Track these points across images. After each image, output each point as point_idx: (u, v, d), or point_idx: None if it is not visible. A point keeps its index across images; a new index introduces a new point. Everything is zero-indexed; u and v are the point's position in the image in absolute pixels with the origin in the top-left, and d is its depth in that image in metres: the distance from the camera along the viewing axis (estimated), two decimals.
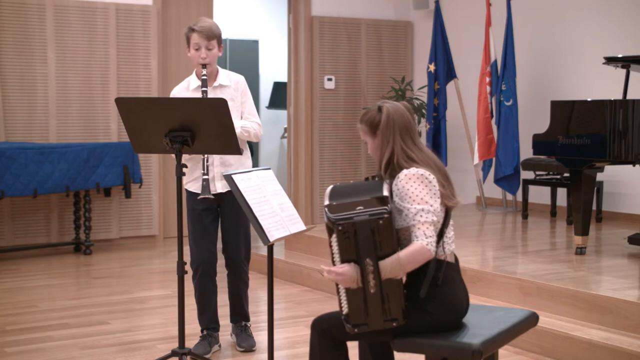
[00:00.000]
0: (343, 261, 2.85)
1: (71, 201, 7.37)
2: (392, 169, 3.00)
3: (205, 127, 3.72)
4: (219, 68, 4.34)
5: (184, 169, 3.87)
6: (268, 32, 11.05)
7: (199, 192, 4.15)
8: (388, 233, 2.81)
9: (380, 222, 2.79)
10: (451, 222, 3.03)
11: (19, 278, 6.33)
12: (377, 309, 2.84)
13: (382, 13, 9.15)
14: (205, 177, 4.04)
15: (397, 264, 2.81)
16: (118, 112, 3.90)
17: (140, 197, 7.78)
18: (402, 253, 2.83)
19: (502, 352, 4.07)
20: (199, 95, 4.16)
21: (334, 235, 2.84)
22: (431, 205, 2.89)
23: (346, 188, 2.96)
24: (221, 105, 3.69)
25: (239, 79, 4.37)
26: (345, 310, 2.89)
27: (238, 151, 3.84)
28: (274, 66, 10.98)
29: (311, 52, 8.74)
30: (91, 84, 7.58)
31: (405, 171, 2.94)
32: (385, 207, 2.80)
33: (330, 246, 2.88)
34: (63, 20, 7.43)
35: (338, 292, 2.91)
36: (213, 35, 4.18)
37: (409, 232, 2.90)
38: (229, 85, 4.31)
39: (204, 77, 4.16)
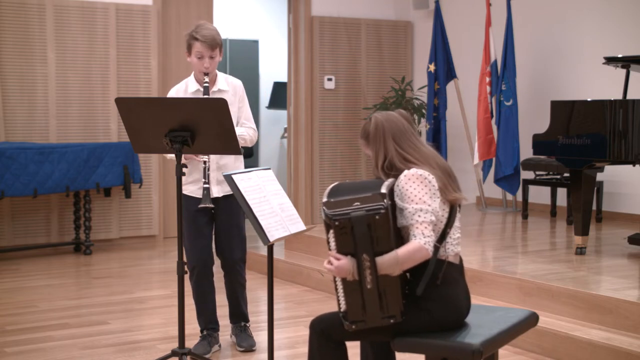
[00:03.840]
0: (340, 252, 2.87)
1: (71, 201, 7.37)
2: (391, 172, 3.03)
3: (205, 127, 3.72)
4: (217, 72, 4.34)
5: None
6: (268, 32, 11.05)
7: (194, 195, 4.23)
8: (384, 229, 2.82)
9: (377, 217, 2.80)
10: (457, 224, 3.04)
11: (19, 278, 6.33)
12: (375, 305, 2.85)
13: (382, 13, 9.15)
14: (206, 185, 4.04)
15: (394, 261, 2.83)
16: (118, 112, 3.90)
17: (140, 197, 7.78)
18: (400, 250, 2.85)
19: (502, 352, 4.07)
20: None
21: (331, 231, 2.86)
22: (429, 205, 2.91)
23: (346, 186, 2.98)
24: (221, 105, 3.69)
25: (237, 84, 4.38)
26: (343, 307, 2.90)
27: (238, 151, 3.84)
28: (274, 66, 10.98)
29: (311, 52, 8.74)
30: (91, 84, 7.58)
31: (405, 172, 2.97)
32: (382, 203, 2.81)
33: (328, 242, 2.90)
34: (63, 20, 7.43)
35: (336, 290, 2.93)
36: (216, 44, 4.18)
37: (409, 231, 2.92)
38: (228, 90, 4.32)
39: (206, 85, 4.16)
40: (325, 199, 2.90)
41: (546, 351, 4.27)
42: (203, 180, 4.07)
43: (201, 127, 3.72)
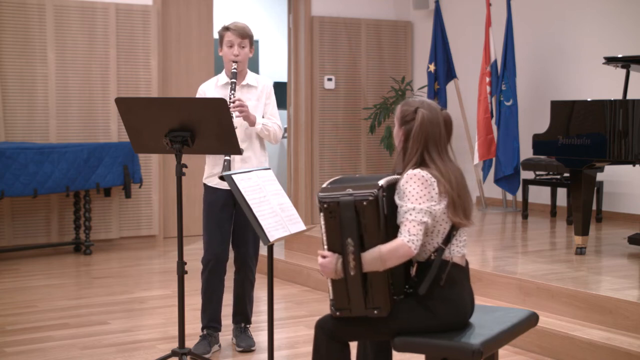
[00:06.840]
0: (329, 249, 2.91)
1: (71, 201, 7.37)
2: (406, 168, 3.03)
3: (205, 127, 3.72)
4: (248, 70, 4.44)
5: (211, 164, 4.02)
6: (268, 32, 11.05)
7: (218, 186, 4.28)
8: (373, 218, 2.85)
9: (364, 203, 2.83)
10: (465, 228, 3.04)
11: (19, 278, 6.33)
12: (358, 294, 2.88)
13: (382, 13, 9.15)
14: (227, 158, 4.03)
15: (378, 257, 2.85)
16: (118, 112, 3.91)
17: (140, 197, 7.78)
18: (384, 247, 2.87)
19: (502, 352, 4.07)
20: (227, 91, 4.24)
21: (321, 215, 2.91)
22: (425, 206, 2.90)
23: (347, 178, 3.04)
24: (221, 105, 3.70)
25: (266, 82, 4.49)
26: (331, 295, 2.96)
27: (238, 151, 3.84)
28: (274, 66, 10.98)
29: (311, 52, 8.74)
30: (91, 84, 7.58)
31: (410, 171, 2.97)
32: (372, 191, 2.84)
33: (321, 229, 2.94)
34: (63, 20, 7.43)
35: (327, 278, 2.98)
36: (246, 34, 4.31)
37: None
38: (256, 86, 4.42)
39: (234, 71, 4.24)
40: (323, 186, 2.96)
41: (546, 351, 4.27)
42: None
43: (201, 127, 3.72)
